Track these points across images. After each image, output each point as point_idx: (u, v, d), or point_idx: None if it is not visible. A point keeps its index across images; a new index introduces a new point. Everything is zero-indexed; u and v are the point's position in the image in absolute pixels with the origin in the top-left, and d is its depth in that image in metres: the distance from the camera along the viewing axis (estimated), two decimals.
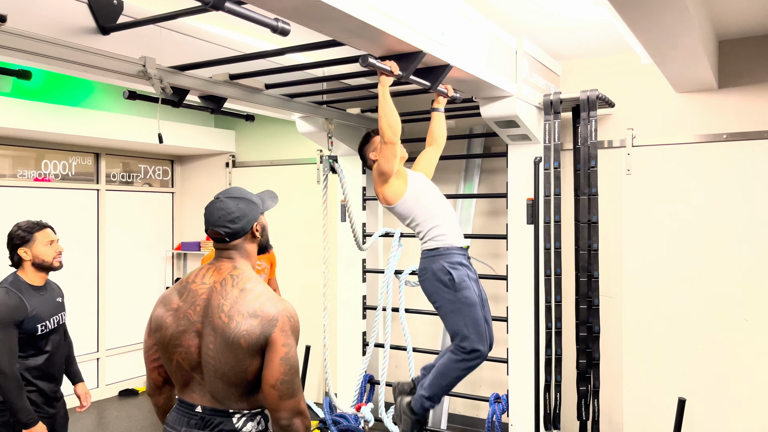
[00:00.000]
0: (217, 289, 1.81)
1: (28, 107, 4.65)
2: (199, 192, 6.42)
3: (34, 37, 2.49)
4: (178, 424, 1.83)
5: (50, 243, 2.83)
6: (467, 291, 2.82)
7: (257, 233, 1.93)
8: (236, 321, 1.74)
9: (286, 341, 1.75)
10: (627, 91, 4.25)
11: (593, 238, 3.95)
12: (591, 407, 4.02)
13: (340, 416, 4.80)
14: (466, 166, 4.90)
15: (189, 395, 1.84)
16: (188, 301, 1.83)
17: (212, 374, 1.77)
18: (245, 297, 1.78)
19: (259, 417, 1.85)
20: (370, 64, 2.57)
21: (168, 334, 1.83)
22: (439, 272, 2.86)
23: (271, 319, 1.75)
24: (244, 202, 1.91)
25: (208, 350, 1.76)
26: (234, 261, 1.88)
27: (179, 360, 1.82)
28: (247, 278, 1.84)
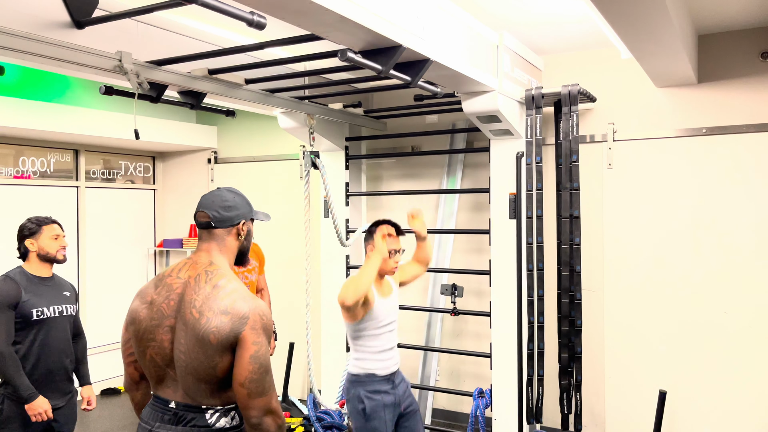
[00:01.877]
0: (191, 284, 1.81)
1: (4, 103, 4.57)
2: (182, 189, 6.36)
3: (6, 32, 2.43)
4: (152, 420, 1.83)
5: (56, 237, 2.98)
6: (376, 422, 2.95)
7: (242, 233, 1.94)
8: (206, 317, 1.73)
9: (256, 339, 1.74)
10: (608, 86, 4.26)
11: (575, 232, 3.97)
12: (573, 400, 4.04)
13: (324, 413, 4.79)
14: (449, 161, 4.90)
15: (163, 390, 1.84)
16: (162, 294, 1.83)
17: (183, 370, 1.77)
18: (217, 293, 1.77)
19: (233, 413, 1.84)
20: (350, 59, 2.54)
21: (142, 328, 1.83)
22: (354, 399, 3.00)
23: (241, 317, 1.74)
24: (240, 198, 1.96)
25: (180, 345, 1.76)
26: (211, 255, 1.88)
27: (152, 354, 1.82)
28: (221, 275, 1.83)
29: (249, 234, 1.98)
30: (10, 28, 2.45)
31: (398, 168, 5.14)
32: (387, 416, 3.00)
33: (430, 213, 4.98)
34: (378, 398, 2.98)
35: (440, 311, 4.77)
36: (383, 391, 3.01)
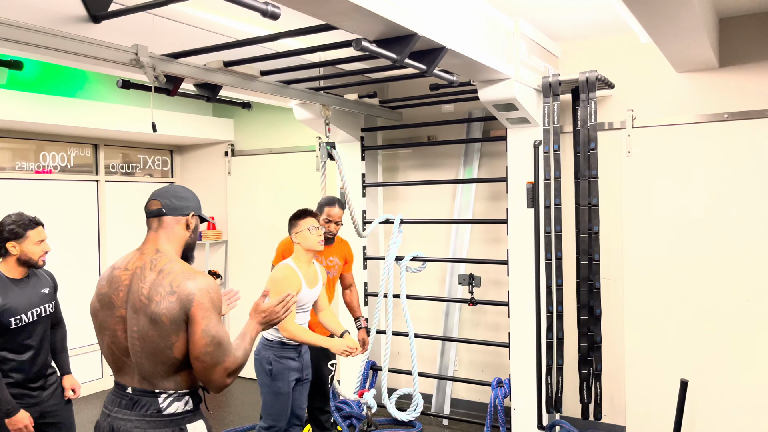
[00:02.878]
0: (137, 275, 1.90)
1: (24, 99, 4.62)
2: (199, 182, 6.40)
3: (24, 27, 2.46)
4: (111, 405, 1.93)
5: (40, 242, 2.80)
6: (280, 382, 3.29)
7: (191, 225, 2.02)
8: (155, 301, 1.82)
9: (205, 314, 1.83)
10: (627, 72, 4.20)
11: (594, 221, 3.93)
12: (593, 390, 4.01)
13: (343, 402, 4.82)
14: (466, 150, 4.87)
15: (122, 377, 1.94)
16: (112, 287, 1.93)
17: (139, 354, 1.85)
18: (163, 277, 1.86)
19: (187, 397, 1.92)
20: (365, 48, 2.53)
21: (99, 319, 1.95)
22: (263, 360, 3.32)
23: (188, 295, 1.83)
24: (189, 193, 2.07)
25: (133, 332, 1.85)
26: (158, 243, 1.97)
27: (108, 344, 1.93)
28: (166, 260, 1.92)
29: (196, 228, 2.06)
30: (27, 23, 2.47)
31: (414, 158, 5.13)
32: (290, 378, 3.32)
33: (446, 203, 4.96)
34: (284, 362, 3.30)
35: (458, 301, 4.76)
36: (290, 357, 3.33)
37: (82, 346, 5.45)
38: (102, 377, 5.68)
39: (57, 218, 5.37)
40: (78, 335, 5.35)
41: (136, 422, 1.86)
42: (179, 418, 1.89)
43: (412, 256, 4.42)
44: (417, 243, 4.96)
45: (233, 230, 6.14)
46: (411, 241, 4.96)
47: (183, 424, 1.89)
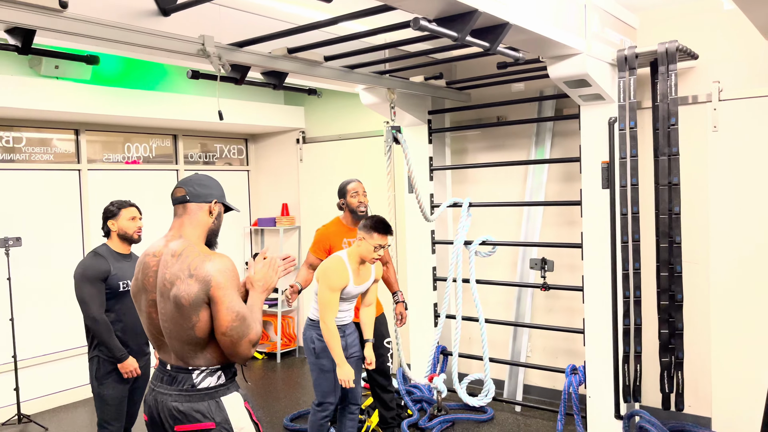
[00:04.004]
0: (162, 260, 2.02)
1: (109, 93, 4.87)
2: (273, 169, 6.55)
3: (98, 23, 2.57)
4: (155, 380, 2.09)
5: (132, 219, 3.26)
6: (324, 360, 3.37)
7: (213, 212, 2.11)
8: (176, 285, 1.93)
9: (225, 292, 1.91)
10: (711, 41, 3.91)
11: (674, 201, 3.71)
12: (675, 379, 3.81)
13: (413, 387, 4.83)
14: (537, 130, 4.71)
15: (163, 355, 2.08)
16: (144, 272, 2.06)
17: (169, 336, 2.00)
18: (182, 262, 1.96)
19: (219, 372, 2.04)
20: (423, 27, 2.48)
21: (137, 303, 2.10)
22: (308, 340, 3.44)
23: (205, 276, 1.92)
24: (213, 182, 2.16)
25: (162, 315, 1.99)
26: (181, 230, 2.06)
27: (147, 325, 2.08)
28: (185, 244, 2.01)
29: (219, 215, 2.14)
30: (102, 18, 2.59)
31: (484, 140, 5.02)
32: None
33: (518, 185, 4.84)
34: None
35: (530, 286, 4.64)
36: None
37: None
38: None
39: (142, 206, 5.65)
40: None
41: (175, 396, 2.00)
42: (213, 391, 2.01)
43: (482, 240, 4.34)
44: (487, 227, 4.87)
45: (305, 216, 6.26)
46: (480, 224, 4.88)
47: (217, 397, 2.01)
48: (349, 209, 3.83)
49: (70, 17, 2.43)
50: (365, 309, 3.56)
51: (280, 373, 5.81)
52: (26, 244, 4.66)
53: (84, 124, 5.28)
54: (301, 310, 6.38)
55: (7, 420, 4.60)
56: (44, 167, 5.08)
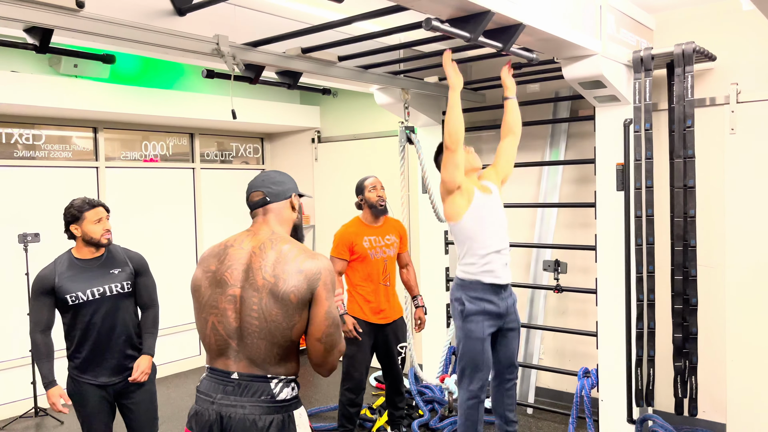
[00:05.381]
0: (257, 253, 1.87)
1: (127, 92, 4.94)
2: (288, 168, 6.58)
3: (114, 22, 2.60)
4: (213, 392, 1.85)
5: (98, 221, 2.88)
6: (472, 324, 3.01)
7: (294, 206, 2.02)
8: (283, 279, 1.80)
9: (328, 295, 1.83)
10: (729, 42, 3.86)
11: (690, 203, 3.67)
12: (688, 384, 3.77)
13: (425, 387, 4.83)
14: (552, 131, 4.69)
15: (223, 362, 1.86)
16: (226, 264, 1.88)
17: (255, 336, 1.81)
18: (286, 256, 1.84)
19: (293, 384, 1.90)
20: (435, 28, 2.48)
21: (204, 297, 1.89)
22: (455, 301, 3.10)
23: (315, 274, 1.82)
24: (284, 176, 2.05)
25: (251, 311, 1.81)
26: (271, 226, 1.96)
27: (215, 323, 1.86)
28: (284, 240, 1.91)
29: (301, 208, 2.06)
30: (118, 18, 2.62)
31: (498, 141, 4.96)
32: (485, 322, 3.03)
33: (532, 186, 4.81)
34: (479, 304, 3.02)
35: (543, 288, 4.61)
36: (486, 299, 3.04)
37: (182, 324, 5.79)
38: (200, 354, 6.02)
39: (158, 204, 5.73)
40: (178, 314, 5.69)
41: (250, 408, 1.81)
42: (288, 404, 1.86)
43: None
44: None
45: (320, 215, 6.28)
46: None
47: (291, 411, 1.87)
48: (368, 204, 3.81)
49: (87, 17, 2.46)
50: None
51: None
52: (44, 240, 4.73)
53: (102, 122, 5.35)
54: None
55: (24, 413, 4.68)
56: (63, 164, 5.15)
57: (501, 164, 3.38)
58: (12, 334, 4.79)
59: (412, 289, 4.04)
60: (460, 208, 3.03)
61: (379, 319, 3.83)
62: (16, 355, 4.80)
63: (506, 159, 3.39)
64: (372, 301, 3.80)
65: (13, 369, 4.80)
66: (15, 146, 4.93)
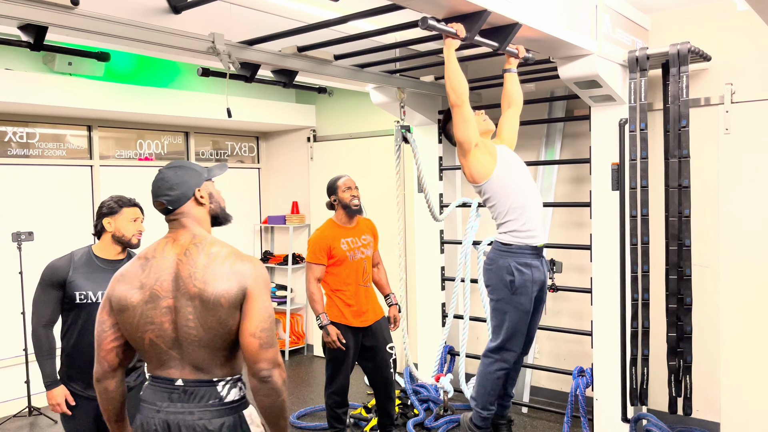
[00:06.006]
0: (183, 260, 1.81)
1: (121, 90, 4.92)
2: (283, 167, 6.58)
3: (109, 19, 2.59)
4: (159, 400, 1.81)
5: (134, 220, 2.75)
6: (523, 297, 2.82)
7: (201, 200, 1.91)
8: (212, 284, 1.76)
9: (261, 291, 1.79)
10: (724, 43, 3.88)
11: (684, 203, 3.68)
12: (683, 383, 3.79)
13: (420, 386, 4.83)
14: (548, 131, 4.70)
15: (165, 371, 1.82)
16: (152, 277, 1.81)
17: (196, 344, 1.77)
18: (215, 260, 1.79)
19: (240, 383, 1.87)
20: (431, 27, 2.48)
21: (137, 313, 1.80)
22: (503, 270, 2.84)
23: (244, 274, 1.78)
24: (183, 170, 1.91)
25: (188, 321, 1.76)
26: (189, 229, 1.88)
27: (153, 338, 1.79)
28: (210, 243, 1.85)
29: (211, 197, 1.96)
30: (113, 15, 2.61)
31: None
32: (533, 293, 2.86)
33: None
34: (528, 273, 2.84)
35: None
36: (534, 266, 2.87)
37: None
38: None
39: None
40: None
41: (199, 413, 1.77)
42: (238, 404, 1.83)
43: (490, 241, 4.33)
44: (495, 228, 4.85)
45: (315, 214, 6.27)
46: (489, 225, 4.85)
47: (240, 411, 1.84)
48: (342, 205, 3.67)
49: (82, 14, 2.45)
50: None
51: (288, 371, 5.83)
52: (38, 239, 4.72)
53: (97, 120, 5.33)
54: (310, 308, 6.38)
55: (18, 412, 4.66)
56: (57, 163, 5.13)
57: (506, 135, 3.21)
58: (5, 333, 4.77)
59: (384, 288, 3.96)
60: (488, 163, 2.84)
61: (362, 321, 3.71)
62: (10, 354, 4.78)
63: (510, 129, 3.24)
64: (353, 305, 3.68)
65: (7, 368, 4.78)
66: (9, 144, 4.90)
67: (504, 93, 3.32)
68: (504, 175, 2.91)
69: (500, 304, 2.90)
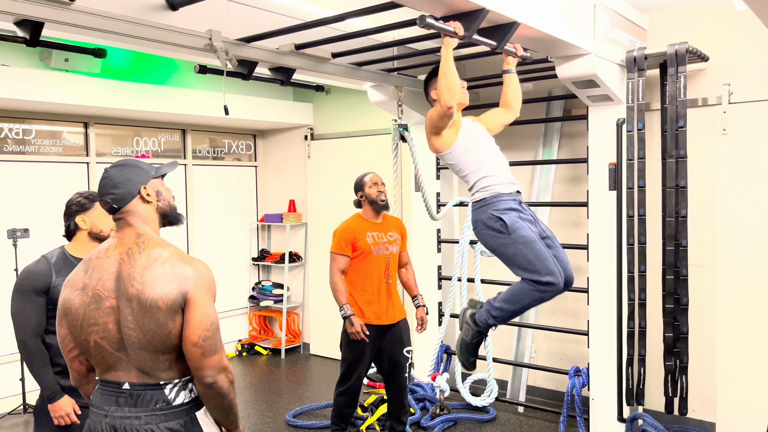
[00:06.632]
0: (125, 260, 1.77)
1: (118, 87, 4.90)
2: (280, 165, 6.57)
3: (106, 16, 2.58)
4: (106, 404, 1.77)
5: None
6: (522, 230, 2.68)
7: (148, 197, 1.86)
8: (150, 285, 1.71)
9: (204, 298, 1.74)
10: (722, 43, 3.88)
11: (681, 203, 3.68)
12: (679, 383, 3.79)
13: (416, 385, 4.83)
14: (545, 130, 4.69)
15: (113, 374, 1.78)
16: (95, 277, 1.77)
17: (136, 346, 1.73)
18: (155, 261, 1.75)
19: (191, 385, 1.82)
20: (429, 25, 2.47)
21: (79, 316, 1.77)
22: (489, 221, 2.74)
23: (185, 278, 1.73)
24: (128, 168, 1.87)
25: (128, 322, 1.73)
26: (135, 228, 1.83)
27: (97, 340, 1.76)
28: (153, 243, 1.80)
29: (159, 194, 1.91)
30: (109, 12, 2.60)
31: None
32: (531, 226, 2.72)
33: (524, 185, 4.81)
34: (512, 213, 2.74)
35: None
36: (514, 208, 2.77)
37: None
38: None
39: None
40: None
41: (145, 418, 1.73)
42: (189, 406, 1.79)
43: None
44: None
45: (312, 213, 6.26)
46: None
47: (192, 413, 1.79)
48: (369, 201, 3.70)
49: (78, 10, 2.44)
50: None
51: (284, 370, 5.82)
52: (34, 236, 4.70)
53: (93, 117, 5.31)
54: (306, 306, 6.38)
55: (13, 410, 4.64)
56: (53, 160, 5.11)
57: (486, 122, 3.10)
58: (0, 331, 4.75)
59: (412, 289, 3.93)
60: (450, 137, 2.83)
61: (382, 320, 3.67)
62: (5, 352, 4.76)
63: (494, 120, 3.13)
64: (374, 302, 3.65)
65: (2, 366, 4.76)
66: (5, 141, 4.88)
67: (503, 95, 3.27)
68: (467, 140, 2.86)
69: (509, 249, 2.71)
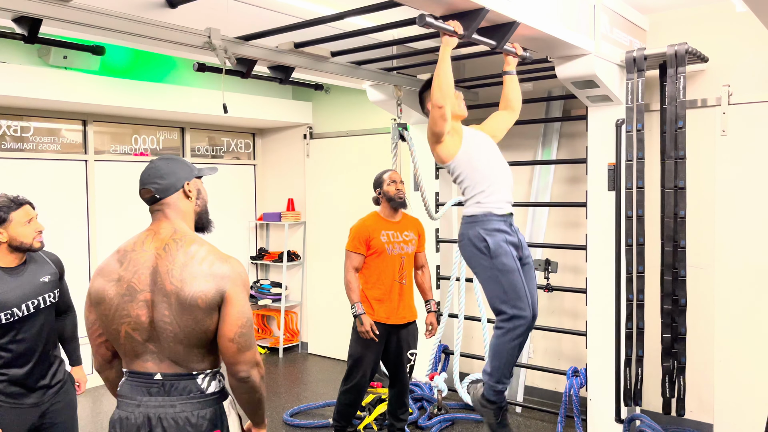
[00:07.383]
0: (162, 255, 1.78)
1: (117, 84, 4.88)
2: (279, 164, 6.56)
3: (104, 13, 2.57)
4: (138, 395, 1.79)
5: (29, 221, 2.43)
6: (503, 257, 2.72)
7: (190, 194, 1.89)
8: (189, 283, 1.74)
9: (240, 295, 1.78)
10: (722, 44, 3.88)
11: (680, 204, 3.68)
12: (677, 384, 3.79)
13: (414, 385, 4.82)
14: (545, 130, 4.69)
15: (142, 365, 1.80)
16: (130, 270, 1.79)
17: (172, 340, 1.76)
18: (192, 259, 1.77)
19: (219, 376, 1.87)
20: (428, 24, 2.47)
21: (113, 306, 1.79)
22: (474, 239, 2.78)
23: (223, 276, 1.76)
24: (174, 162, 1.90)
25: (164, 317, 1.75)
26: (172, 223, 1.85)
27: (128, 330, 1.78)
28: (190, 240, 1.82)
29: (199, 193, 1.94)
30: (108, 9, 2.59)
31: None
32: (513, 254, 2.76)
33: (523, 185, 4.81)
34: (500, 236, 2.76)
35: None
36: (503, 230, 2.78)
37: None
38: None
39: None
40: None
41: (180, 406, 1.77)
42: (218, 396, 1.83)
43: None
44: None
45: (311, 211, 6.26)
46: None
47: (221, 402, 1.84)
48: (387, 198, 3.68)
49: (76, 7, 2.43)
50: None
51: (282, 369, 5.82)
52: None
53: (92, 114, 5.29)
54: (305, 305, 6.38)
55: None
56: (51, 157, 5.10)
57: (489, 128, 3.12)
58: None
59: (426, 293, 3.89)
60: (454, 143, 2.86)
61: (392, 320, 3.66)
62: None
63: (496, 125, 3.15)
64: (385, 301, 3.63)
65: None
66: (3, 138, 4.87)
67: (503, 96, 3.27)
68: (470, 150, 2.88)
69: (486, 272, 2.78)
